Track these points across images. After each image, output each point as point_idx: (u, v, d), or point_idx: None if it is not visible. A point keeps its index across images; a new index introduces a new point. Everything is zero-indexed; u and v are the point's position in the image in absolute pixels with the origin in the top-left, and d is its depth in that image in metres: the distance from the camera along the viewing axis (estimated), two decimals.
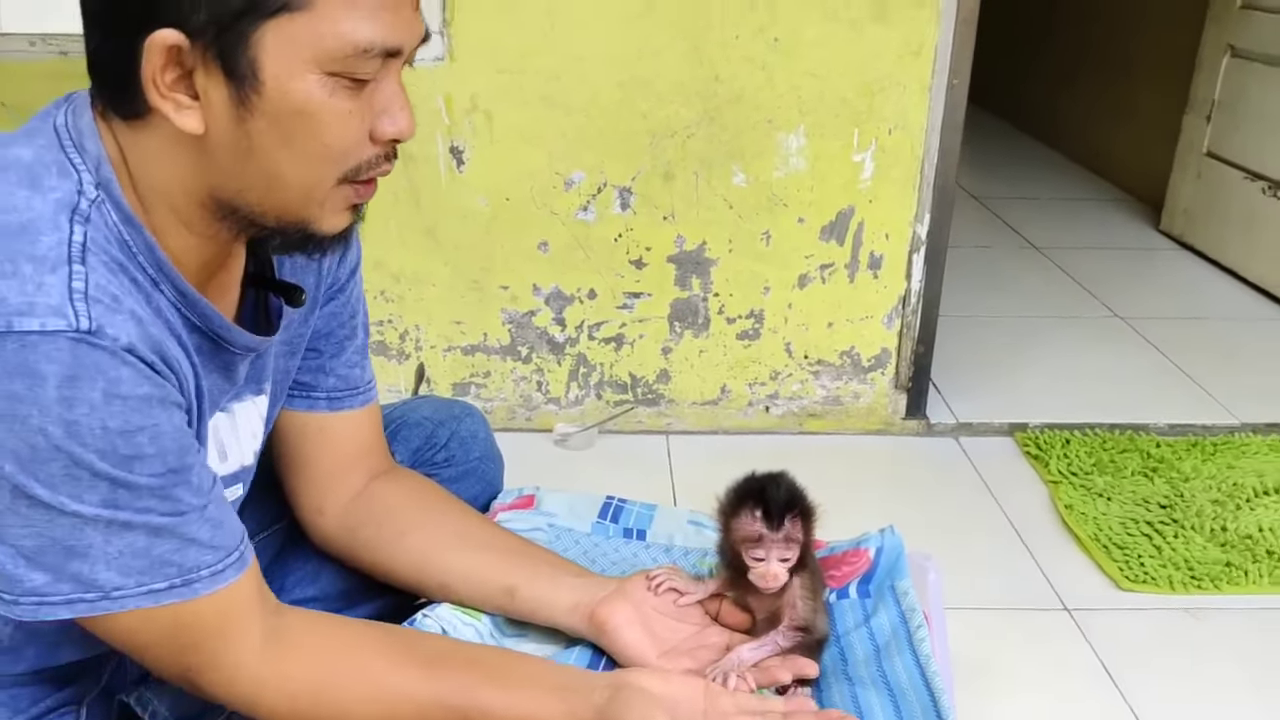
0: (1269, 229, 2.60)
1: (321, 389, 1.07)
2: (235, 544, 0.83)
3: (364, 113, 0.78)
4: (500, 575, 1.07)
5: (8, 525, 0.73)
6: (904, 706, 1.00)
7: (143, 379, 0.74)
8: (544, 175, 1.73)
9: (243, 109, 0.74)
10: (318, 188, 0.79)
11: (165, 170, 0.78)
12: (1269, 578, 1.52)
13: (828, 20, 1.66)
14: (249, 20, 0.71)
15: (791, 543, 0.98)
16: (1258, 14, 2.66)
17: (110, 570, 0.76)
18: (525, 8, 1.64)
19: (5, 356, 0.69)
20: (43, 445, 0.70)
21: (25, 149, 0.76)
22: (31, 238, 0.72)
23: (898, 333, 1.87)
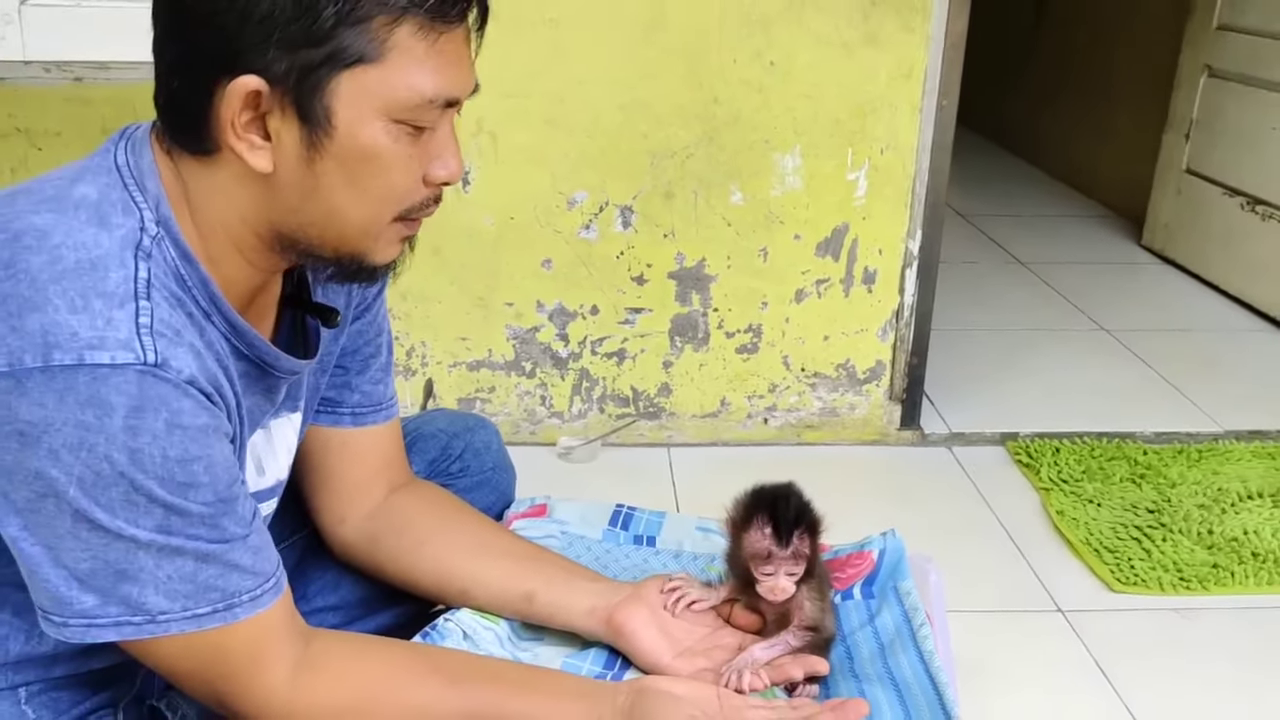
0: (1247, 243, 2.67)
1: (346, 405, 1.12)
2: (273, 570, 0.87)
3: (421, 157, 0.83)
4: (518, 581, 1.11)
5: (66, 549, 0.77)
6: (909, 701, 1.05)
7: (201, 410, 0.78)
8: (548, 195, 1.78)
9: (313, 150, 0.79)
10: (375, 224, 0.84)
11: (229, 203, 0.83)
12: (1255, 578, 1.57)
13: (821, 44, 1.72)
14: (327, 70, 0.77)
15: (799, 559, 1.03)
16: (1232, 35, 2.74)
17: (159, 594, 0.79)
18: (530, 34, 1.69)
19: (77, 388, 0.73)
20: (107, 471, 0.74)
21: (90, 187, 0.81)
22: (101, 274, 0.76)
23: (892, 346, 1.92)
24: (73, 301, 0.74)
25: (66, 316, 0.74)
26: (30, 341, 0.73)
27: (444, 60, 0.81)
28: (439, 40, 0.81)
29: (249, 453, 0.97)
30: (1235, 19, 2.74)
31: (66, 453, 0.73)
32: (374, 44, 0.78)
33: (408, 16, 0.78)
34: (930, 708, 1.03)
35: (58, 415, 0.73)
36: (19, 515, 0.76)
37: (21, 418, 0.73)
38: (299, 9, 0.76)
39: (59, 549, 0.77)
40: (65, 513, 0.75)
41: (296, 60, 0.77)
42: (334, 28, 0.76)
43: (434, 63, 0.81)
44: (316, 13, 0.76)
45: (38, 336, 0.73)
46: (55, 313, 0.73)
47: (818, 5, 1.70)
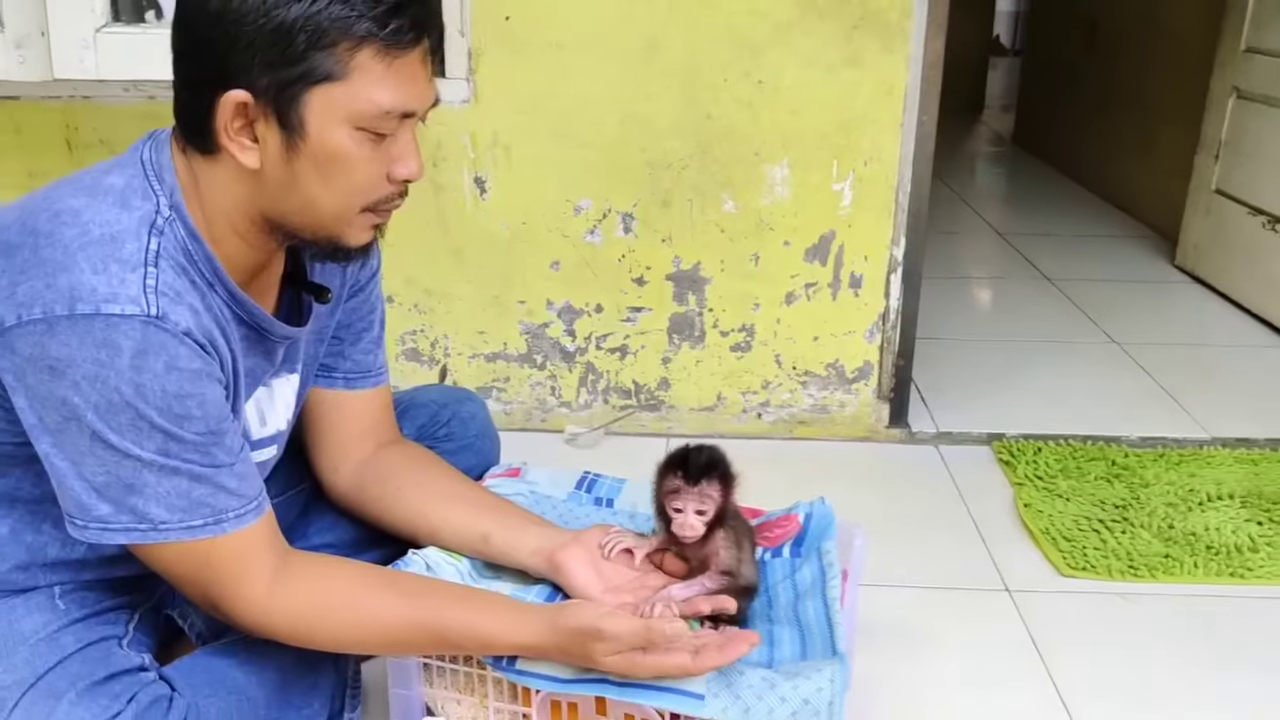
0: (1267, 261, 2.70)
1: (340, 371, 1.30)
2: (255, 495, 1.04)
3: (382, 159, 1.01)
4: (478, 524, 1.28)
5: (86, 464, 0.95)
6: (808, 639, 1.18)
7: (195, 356, 0.97)
8: (556, 203, 1.96)
9: (291, 152, 0.98)
10: (345, 212, 1.03)
11: (228, 194, 1.02)
12: (1204, 569, 1.65)
13: (806, 65, 1.87)
14: (301, 86, 0.95)
15: (706, 498, 1.17)
16: (1259, 57, 2.78)
17: (160, 507, 0.97)
18: (540, 57, 1.88)
19: (94, 332, 0.92)
20: (116, 400, 0.93)
21: (118, 177, 1.01)
22: (119, 245, 0.95)
23: (879, 347, 2.04)
24: (95, 265, 0.94)
25: (89, 276, 0.93)
26: (60, 295, 0.92)
27: (400, 78, 0.99)
28: (395, 62, 0.98)
29: (253, 405, 1.16)
30: (1261, 41, 2.78)
31: (85, 384, 0.92)
32: (339, 65, 0.96)
33: (367, 42, 0.96)
34: (823, 645, 1.16)
35: (79, 353, 0.92)
36: (50, 435, 0.96)
37: (51, 355, 0.92)
38: (276, 36, 0.94)
39: (81, 464, 0.96)
40: (84, 433, 0.94)
41: (275, 78, 0.95)
42: (305, 51, 0.95)
43: (391, 80, 0.98)
44: (291, 39, 0.94)
45: (66, 291, 0.92)
46: (80, 274, 0.93)
47: (803, 29, 1.85)
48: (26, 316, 0.92)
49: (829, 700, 1.05)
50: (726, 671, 1.08)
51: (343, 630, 1.09)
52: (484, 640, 1.11)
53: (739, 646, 1.09)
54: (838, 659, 1.11)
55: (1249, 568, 1.65)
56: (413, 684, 1.23)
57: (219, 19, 0.94)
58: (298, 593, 1.07)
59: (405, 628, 1.11)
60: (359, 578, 1.13)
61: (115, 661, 1.06)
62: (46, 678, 1.02)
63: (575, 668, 1.11)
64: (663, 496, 1.19)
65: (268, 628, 1.07)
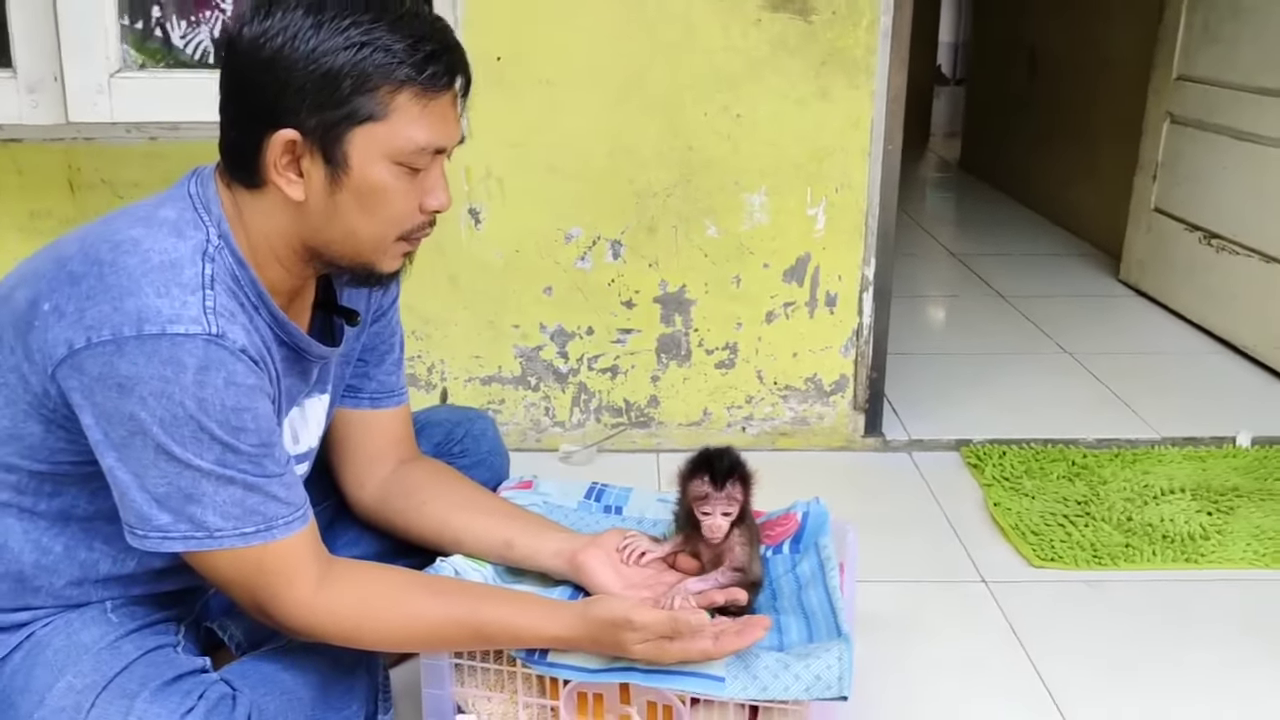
0: (1205, 274, 2.89)
1: (366, 391, 1.39)
2: (302, 503, 1.13)
3: (417, 191, 1.11)
4: (500, 531, 1.36)
5: (149, 476, 1.03)
6: (813, 624, 1.29)
7: (250, 372, 1.05)
8: (548, 231, 2.07)
9: (334, 185, 1.08)
10: (382, 241, 1.13)
11: (272, 224, 1.11)
12: (1162, 556, 1.78)
13: (780, 99, 2.00)
14: (345, 125, 1.05)
15: (733, 500, 1.27)
16: (1189, 85, 2.98)
17: (216, 515, 1.05)
18: (530, 94, 1.99)
19: (161, 350, 1.00)
20: (180, 414, 1.01)
21: (170, 210, 1.10)
22: (178, 270, 1.04)
23: (854, 361, 2.17)
24: (158, 289, 1.02)
25: (154, 300, 1.01)
26: (128, 318, 1.00)
27: (434, 119, 1.09)
28: (430, 104, 1.09)
29: (287, 424, 1.24)
30: (1191, 70, 2.98)
31: (152, 399, 1.00)
32: (380, 106, 1.06)
33: (406, 86, 1.06)
34: (828, 627, 1.27)
35: (146, 371, 1.00)
36: (115, 450, 1.03)
37: (120, 373, 1.00)
38: (324, 81, 1.04)
39: (143, 476, 1.03)
40: (149, 446, 1.01)
41: (322, 118, 1.05)
42: (350, 95, 1.05)
43: (426, 120, 1.09)
44: (337, 84, 1.04)
45: (133, 314, 1.00)
46: (145, 297, 1.01)
47: (775, 66, 1.98)
48: (96, 338, 1.00)
49: (839, 675, 1.16)
50: (743, 656, 1.19)
51: (387, 630, 1.17)
52: (520, 634, 1.19)
53: (755, 631, 1.19)
54: (843, 639, 1.21)
55: (1202, 553, 1.79)
56: (445, 684, 1.31)
57: (271, 65, 1.04)
58: (343, 595, 1.14)
59: (446, 625, 1.19)
60: (399, 581, 1.21)
61: (179, 664, 1.14)
62: (117, 680, 1.09)
63: (604, 658, 1.20)
64: (690, 502, 1.29)
65: (316, 629, 1.13)
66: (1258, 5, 2.68)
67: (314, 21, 1.03)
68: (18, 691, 1.10)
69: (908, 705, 1.43)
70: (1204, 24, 2.90)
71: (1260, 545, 1.81)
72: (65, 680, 1.08)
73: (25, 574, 1.13)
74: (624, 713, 1.25)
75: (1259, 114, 2.67)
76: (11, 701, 1.10)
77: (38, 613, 1.15)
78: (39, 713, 1.07)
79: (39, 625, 1.15)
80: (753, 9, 1.96)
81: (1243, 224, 2.74)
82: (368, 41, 1.04)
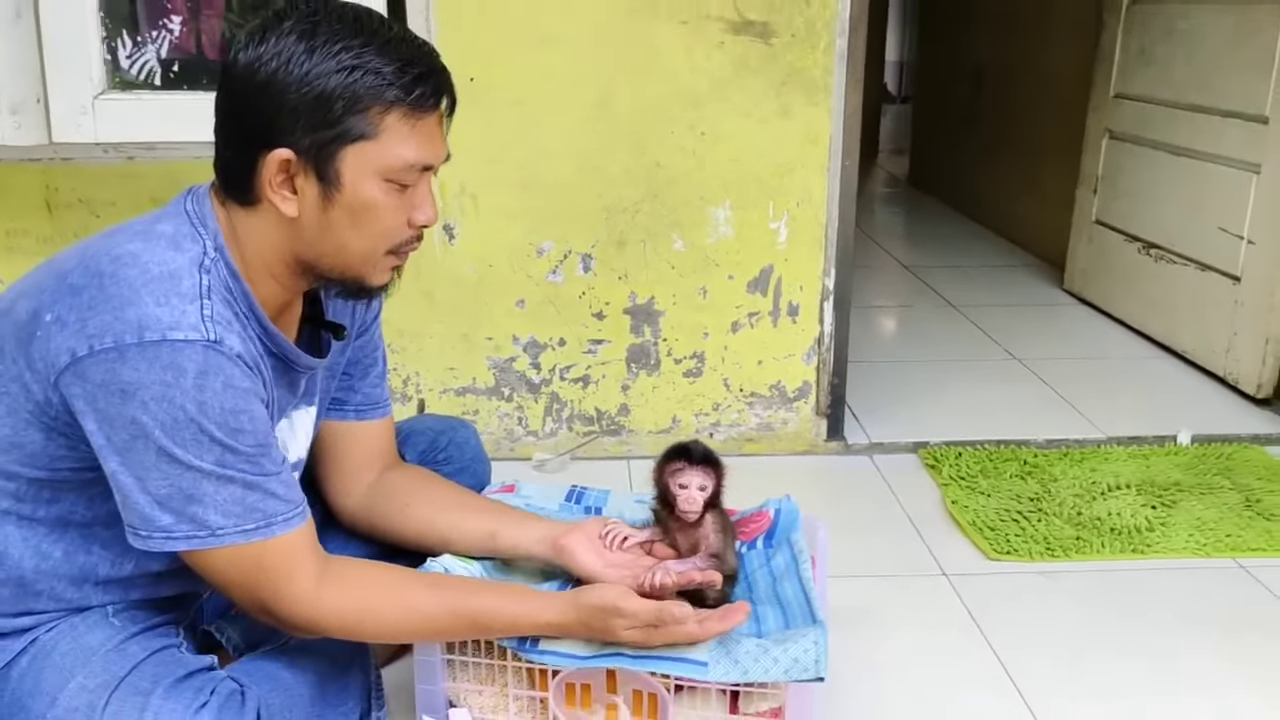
0: (1145, 282, 3.03)
1: (351, 404, 1.44)
2: (299, 501, 1.17)
3: (405, 207, 1.17)
4: (484, 524, 1.40)
5: (151, 478, 1.07)
6: (789, 613, 1.36)
7: (245, 377, 1.10)
8: (520, 246, 2.13)
9: (327, 201, 1.13)
10: (372, 255, 1.18)
11: (266, 240, 1.16)
12: (1110, 548, 1.89)
13: (743, 118, 2.09)
14: (338, 145, 1.10)
15: (707, 474, 1.35)
16: (1127, 102, 3.13)
17: (217, 513, 1.08)
18: (502, 113, 2.05)
19: (161, 357, 1.04)
20: (181, 417, 1.05)
21: (167, 225, 1.14)
22: (177, 281, 1.08)
23: (815, 368, 2.25)
24: (157, 299, 1.06)
25: (154, 309, 1.05)
26: (129, 326, 1.04)
27: (422, 137, 1.15)
28: (418, 123, 1.15)
29: (276, 435, 1.29)
30: (1127, 88, 3.13)
31: (153, 403, 1.04)
32: (371, 126, 1.12)
33: (395, 106, 1.12)
34: (803, 615, 1.34)
35: (147, 376, 1.03)
36: (118, 454, 1.06)
37: (122, 379, 1.04)
38: (317, 103, 1.09)
39: (145, 479, 1.06)
40: (151, 449, 1.05)
41: (315, 138, 1.10)
42: (342, 115, 1.10)
43: (415, 139, 1.14)
44: (330, 105, 1.10)
45: (134, 322, 1.05)
46: (145, 306, 1.05)
47: (738, 86, 2.07)
48: (99, 346, 1.04)
49: (815, 658, 1.23)
50: (724, 642, 1.26)
51: (387, 622, 1.22)
52: (515, 622, 1.25)
53: (736, 615, 1.26)
54: (819, 625, 1.29)
55: (1148, 544, 1.89)
56: (438, 679, 1.37)
57: (266, 88, 1.09)
58: (343, 590, 1.19)
59: (443, 616, 1.24)
60: (397, 575, 1.26)
61: (188, 663, 1.18)
62: (128, 679, 1.13)
63: (594, 644, 1.26)
64: (667, 477, 1.36)
65: (318, 624, 1.18)
66: (1189, 29, 2.83)
67: (307, 46, 1.09)
68: (27, 694, 1.14)
69: (878, 692, 1.51)
70: (1140, 46, 3.05)
71: (1201, 536, 1.91)
72: (76, 681, 1.12)
73: (26, 579, 1.16)
74: (611, 702, 1.32)
75: (1193, 130, 2.81)
76: (22, 704, 1.13)
77: (40, 617, 1.19)
78: (52, 713, 1.10)
79: (42, 630, 1.19)
80: (716, 32, 2.04)
81: (1179, 235, 2.88)
82: (358, 65, 1.09)
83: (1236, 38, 2.64)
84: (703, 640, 1.24)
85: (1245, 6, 2.61)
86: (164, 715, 1.09)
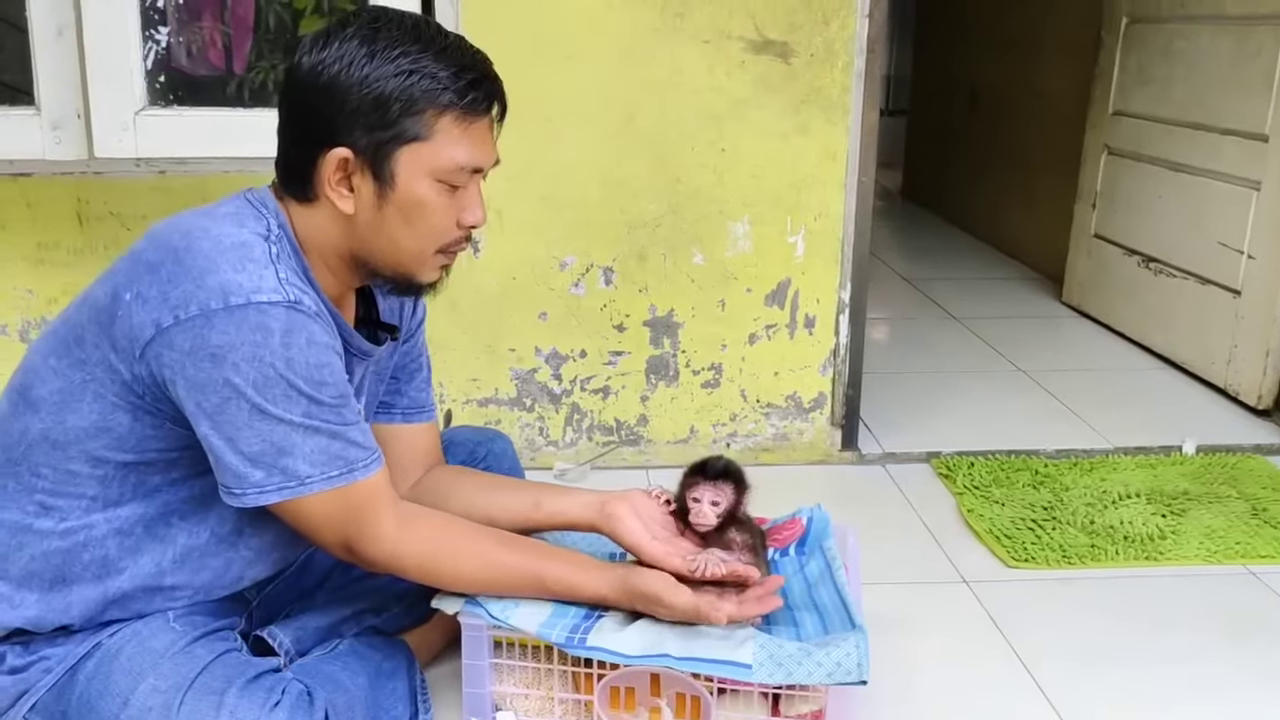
0: (1144, 295, 3.09)
1: (398, 407, 1.48)
2: (375, 448, 1.21)
3: (455, 208, 1.21)
4: (526, 497, 1.42)
5: (243, 437, 1.11)
6: (827, 619, 1.40)
7: (325, 332, 1.15)
8: (543, 259, 2.17)
9: (381, 200, 1.18)
10: (423, 253, 1.22)
11: (323, 235, 1.21)
12: (1124, 555, 1.93)
13: (762, 135, 2.14)
14: (393, 145, 1.15)
15: (720, 492, 1.38)
16: (1125, 119, 3.20)
17: (305, 463, 1.13)
18: (529, 129, 2.09)
19: (249, 318, 1.08)
20: (271, 374, 1.10)
21: (230, 207, 1.19)
22: (248, 250, 1.13)
23: (831, 379, 2.30)
24: (235, 266, 1.10)
25: (233, 275, 1.10)
26: (212, 293, 1.09)
27: (474, 140, 1.20)
28: (470, 127, 1.19)
29: None
30: (1126, 106, 3.20)
31: (244, 364, 1.08)
32: (426, 128, 1.16)
33: (450, 110, 1.17)
34: (841, 621, 1.38)
35: (237, 338, 1.08)
36: (208, 418, 1.10)
37: (212, 343, 1.08)
38: (375, 105, 1.14)
39: (237, 439, 1.11)
40: (244, 408, 1.09)
41: (372, 138, 1.15)
42: (398, 118, 1.15)
43: (467, 142, 1.19)
44: (387, 108, 1.14)
45: (217, 289, 1.09)
46: (225, 274, 1.10)
47: (758, 104, 2.12)
48: (184, 315, 1.08)
49: (857, 662, 1.27)
50: (767, 645, 1.30)
51: (463, 567, 1.27)
52: (573, 588, 1.31)
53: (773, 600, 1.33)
54: (859, 630, 1.33)
55: (1160, 552, 1.95)
56: (484, 683, 1.40)
57: (328, 91, 1.14)
58: (422, 532, 1.25)
59: (514, 572, 1.30)
60: (471, 528, 1.31)
61: (255, 664, 1.21)
62: (200, 679, 1.16)
63: (642, 640, 1.30)
64: (684, 490, 1.40)
65: (399, 561, 1.23)
66: (1186, 49, 2.91)
67: (368, 51, 1.14)
68: (96, 696, 1.17)
69: (907, 695, 1.55)
70: (1138, 65, 3.13)
71: (1212, 543, 1.97)
72: (148, 683, 1.15)
73: (110, 558, 1.20)
74: (654, 705, 1.35)
75: (1191, 147, 2.88)
76: (92, 706, 1.16)
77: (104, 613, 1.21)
78: (125, 713, 1.14)
79: (105, 635, 1.22)
80: (737, 52, 2.09)
81: (1178, 249, 2.95)
82: (416, 69, 1.14)
83: (1236, 58, 2.71)
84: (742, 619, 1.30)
85: (1245, 27, 2.68)
86: (240, 712, 1.12)
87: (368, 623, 1.45)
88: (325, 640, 1.40)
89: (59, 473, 1.16)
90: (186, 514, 1.20)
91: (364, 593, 1.47)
